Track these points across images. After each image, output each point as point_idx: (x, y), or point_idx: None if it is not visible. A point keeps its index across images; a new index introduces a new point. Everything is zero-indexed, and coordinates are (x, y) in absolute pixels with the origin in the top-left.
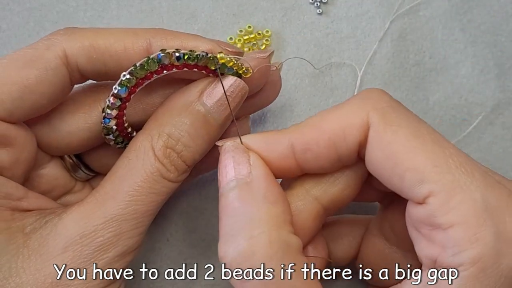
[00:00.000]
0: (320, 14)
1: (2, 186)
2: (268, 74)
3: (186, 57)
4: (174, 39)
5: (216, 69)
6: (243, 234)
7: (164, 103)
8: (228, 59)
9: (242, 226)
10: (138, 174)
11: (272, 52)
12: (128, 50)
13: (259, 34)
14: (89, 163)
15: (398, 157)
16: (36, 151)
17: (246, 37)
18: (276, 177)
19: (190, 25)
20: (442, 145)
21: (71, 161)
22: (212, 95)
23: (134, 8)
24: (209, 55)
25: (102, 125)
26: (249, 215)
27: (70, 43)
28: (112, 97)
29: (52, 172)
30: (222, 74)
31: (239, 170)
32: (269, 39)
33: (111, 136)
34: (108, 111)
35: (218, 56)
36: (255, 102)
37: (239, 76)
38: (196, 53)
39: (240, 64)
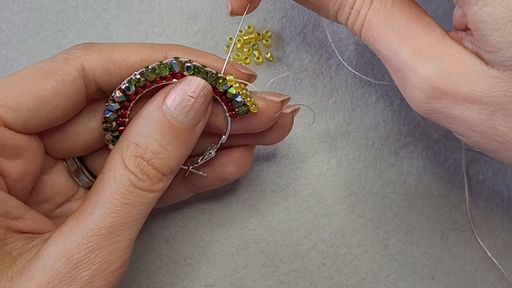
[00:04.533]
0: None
1: (2, 204)
2: (276, 119)
3: (196, 69)
4: (190, 54)
5: (223, 93)
6: None
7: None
8: (237, 85)
9: None
10: (111, 187)
11: (288, 99)
12: (145, 63)
13: (259, 34)
14: (93, 168)
15: None
16: (43, 160)
17: (246, 37)
18: None
19: (190, 25)
20: None
21: (75, 165)
22: (173, 98)
23: (134, 8)
24: (219, 75)
25: (103, 116)
26: None
27: (88, 56)
28: (118, 91)
29: (55, 178)
30: (184, 75)
31: None
32: (269, 40)
33: (109, 135)
34: (111, 102)
35: (227, 78)
36: (260, 140)
37: (247, 109)
38: (206, 69)
39: (248, 94)
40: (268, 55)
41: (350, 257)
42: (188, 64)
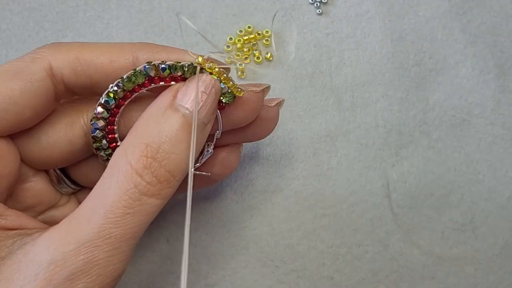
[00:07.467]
0: (320, 14)
1: None
2: (260, 108)
3: (171, 68)
4: (161, 52)
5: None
6: None
7: (141, 115)
8: (217, 69)
9: None
10: (113, 193)
11: (268, 87)
12: (114, 63)
13: (259, 34)
14: (75, 177)
15: None
16: (19, 166)
17: (246, 37)
18: None
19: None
20: None
21: (55, 173)
22: (187, 95)
23: (134, 8)
24: (195, 65)
25: (91, 136)
26: None
27: (56, 56)
28: (99, 107)
29: (37, 187)
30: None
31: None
32: (269, 39)
33: (102, 153)
34: (95, 120)
35: (206, 66)
36: (247, 134)
37: (233, 95)
38: (181, 63)
39: (229, 78)
40: (268, 55)
41: (350, 257)
42: (163, 66)
